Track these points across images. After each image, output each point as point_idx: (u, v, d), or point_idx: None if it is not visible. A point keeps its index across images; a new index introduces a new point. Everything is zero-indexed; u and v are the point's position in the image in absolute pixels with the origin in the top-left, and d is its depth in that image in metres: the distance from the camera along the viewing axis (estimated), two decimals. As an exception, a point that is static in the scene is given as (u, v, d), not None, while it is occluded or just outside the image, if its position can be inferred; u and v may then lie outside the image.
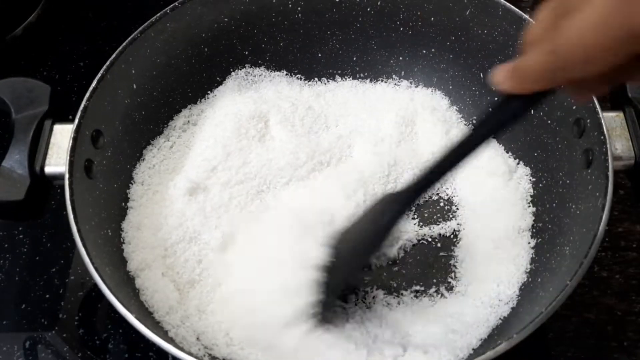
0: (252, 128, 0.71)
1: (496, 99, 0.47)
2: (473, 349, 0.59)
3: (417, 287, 0.65)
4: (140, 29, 0.68)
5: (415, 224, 0.70)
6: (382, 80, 0.78)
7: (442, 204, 0.72)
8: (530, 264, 0.65)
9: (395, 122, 0.74)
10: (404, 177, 0.72)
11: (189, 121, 0.74)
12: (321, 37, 0.77)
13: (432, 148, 0.73)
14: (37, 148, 0.62)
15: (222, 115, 0.73)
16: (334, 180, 0.70)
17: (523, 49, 0.43)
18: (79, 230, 0.56)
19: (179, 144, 0.72)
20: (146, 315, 0.58)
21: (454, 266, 0.67)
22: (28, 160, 0.61)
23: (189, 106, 0.74)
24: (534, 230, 0.67)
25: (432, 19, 0.74)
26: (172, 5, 0.70)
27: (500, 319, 0.61)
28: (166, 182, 0.69)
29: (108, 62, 0.65)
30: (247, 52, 0.77)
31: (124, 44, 0.67)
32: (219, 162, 0.69)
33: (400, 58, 0.78)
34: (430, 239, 0.69)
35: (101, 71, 0.64)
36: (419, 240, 0.69)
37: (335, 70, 0.79)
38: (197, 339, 0.59)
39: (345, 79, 0.79)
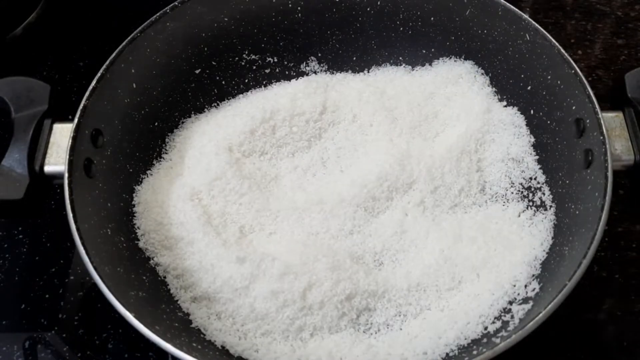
0: (257, 129, 0.71)
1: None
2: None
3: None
4: (140, 28, 0.68)
5: None
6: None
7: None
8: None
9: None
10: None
11: (189, 121, 0.74)
12: (321, 37, 0.78)
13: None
14: (37, 147, 0.62)
15: (224, 116, 0.73)
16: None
17: None
18: (78, 230, 0.56)
19: (180, 144, 0.72)
20: (146, 315, 0.58)
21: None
22: (27, 159, 0.61)
23: (188, 106, 0.74)
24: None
25: (432, 19, 0.74)
26: (172, 5, 0.70)
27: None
28: (167, 181, 0.68)
29: (108, 62, 0.65)
30: (246, 52, 0.77)
31: (124, 43, 0.67)
32: (220, 163, 0.68)
33: (400, 58, 0.78)
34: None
35: (101, 70, 0.64)
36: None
37: (336, 70, 0.79)
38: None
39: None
